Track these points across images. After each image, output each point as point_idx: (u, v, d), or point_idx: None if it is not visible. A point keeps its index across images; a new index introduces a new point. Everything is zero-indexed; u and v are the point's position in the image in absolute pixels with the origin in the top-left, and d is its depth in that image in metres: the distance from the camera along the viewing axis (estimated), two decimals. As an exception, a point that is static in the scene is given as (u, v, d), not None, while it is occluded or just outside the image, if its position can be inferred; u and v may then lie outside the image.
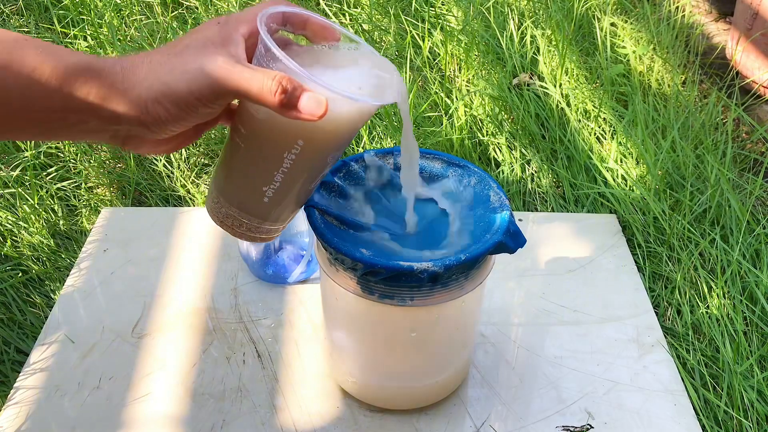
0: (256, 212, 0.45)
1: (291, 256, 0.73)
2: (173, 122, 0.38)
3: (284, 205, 0.45)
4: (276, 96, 0.36)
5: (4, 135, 0.37)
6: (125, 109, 0.36)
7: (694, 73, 1.23)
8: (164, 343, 0.67)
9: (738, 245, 0.83)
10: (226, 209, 0.45)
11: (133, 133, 0.38)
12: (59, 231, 0.95)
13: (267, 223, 0.46)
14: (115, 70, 0.36)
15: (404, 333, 0.54)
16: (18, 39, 0.35)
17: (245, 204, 0.45)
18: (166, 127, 0.38)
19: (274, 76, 0.36)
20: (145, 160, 1.06)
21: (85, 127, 0.37)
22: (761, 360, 0.72)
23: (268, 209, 0.45)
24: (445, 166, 0.56)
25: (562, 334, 0.69)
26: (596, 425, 0.61)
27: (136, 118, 0.37)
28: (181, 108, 0.37)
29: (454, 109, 1.10)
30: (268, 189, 0.43)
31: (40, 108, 0.36)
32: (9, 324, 0.81)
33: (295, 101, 0.37)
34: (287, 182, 0.43)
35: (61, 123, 0.37)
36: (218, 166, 0.46)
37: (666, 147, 0.97)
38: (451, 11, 1.38)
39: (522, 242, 0.50)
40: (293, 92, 0.36)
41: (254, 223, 0.45)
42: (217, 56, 0.37)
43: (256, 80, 0.36)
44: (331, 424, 0.60)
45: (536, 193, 0.98)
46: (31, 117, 0.36)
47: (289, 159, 0.41)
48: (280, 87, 0.36)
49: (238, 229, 0.46)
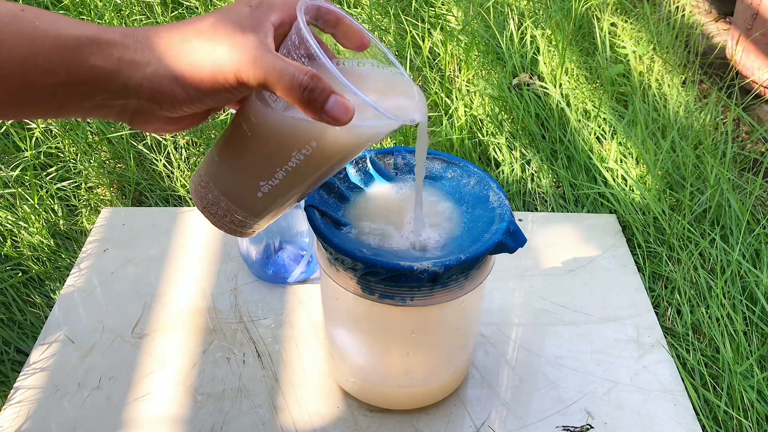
0: (246, 205, 0.43)
1: (291, 256, 0.73)
2: (189, 103, 0.36)
3: (275, 205, 0.44)
4: (305, 93, 0.35)
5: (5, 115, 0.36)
6: (138, 84, 0.35)
7: (694, 73, 1.23)
8: (164, 343, 0.67)
9: (738, 245, 0.83)
10: (213, 195, 0.43)
11: (142, 108, 0.37)
12: (59, 231, 0.95)
13: (252, 219, 0.44)
14: (127, 43, 0.35)
15: (404, 333, 0.54)
16: (13, 11, 0.33)
17: (237, 195, 0.43)
18: (179, 107, 0.36)
19: (306, 71, 0.34)
20: (145, 160, 1.06)
21: (91, 102, 0.35)
22: (761, 360, 0.72)
23: (258, 205, 0.43)
24: (445, 166, 0.56)
25: (562, 334, 0.69)
26: (596, 425, 0.61)
27: (149, 93, 0.35)
28: (200, 90, 0.35)
29: (454, 109, 1.10)
30: (265, 184, 0.41)
31: (42, 85, 0.34)
32: (9, 324, 0.81)
33: (322, 102, 0.35)
34: (287, 181, 0.41)
35: (64, 99, 0.35)
36: (215, 150, 0.43)
37: (666, 147, 0.97)
38: (451, 11, 1.38)
39: (522, 242, 0.50)
40: (322, 93, 0.35)
41: (239, 215, 0.44)
42: (248, 42, 0.35)
43: (287, 73, 0.34)
44: (331, 424, 0.60)
45: (536, 193, 0.98)
46: (32, 94, 0.34)
47: (297, 158, 0.40)
48: (310, 85, 0.34)
49: (221, 219, 0.44)
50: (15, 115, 0.36)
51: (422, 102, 0.43)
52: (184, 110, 0.37)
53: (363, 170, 0.56)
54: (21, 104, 0.35)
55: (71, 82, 0.34)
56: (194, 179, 0.45)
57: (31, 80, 0.34)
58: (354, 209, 0.53)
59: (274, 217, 0.46)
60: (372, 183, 0.55)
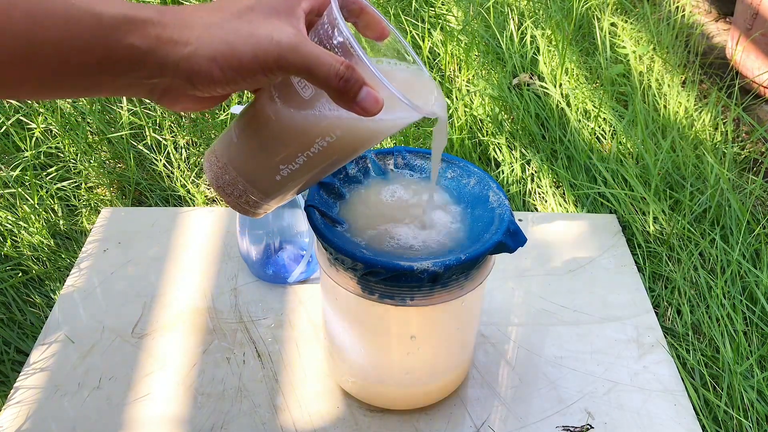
0: (264, 188, 0.44)
1: (291, 256, 0.73)
2: (224, 84, 0.36)
3: (291, 187, 0.44)
4: (340, 83, 0.35)
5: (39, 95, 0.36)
6: (175, 63, 0.35)
7: (694, 73, 1.23)
8: (164, 343, 0.67)
9: (738, 245, 0.83)
10: (231, 176, 0.44)
11: (174, 87, 0.36)
12: (59, 231, 0.95)
13: (267, 200, 0.45)
14: (164, 21, 0.34)
15: (404, 333, 0.54)
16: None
17: (255, 177, 0.43)
18: (214, 88, 0.36)
19: (342, 62, 0.35)
20: (145, 160, 1.06)
21: (125, 81, 0.35)
22: (761, 360, 0.72)
23: (275, 187, 0.44)
24: (445, 166, 0.56)
25: (562, 334, 0.69)
26: (596, 425, 0.61)
27: (186, 73, 0.35)
28: (238, 72, 0.35)
29: (454, 109, 1.10)
30: (285, 168, 0.42)
31: (78, 64, 0.33)
32: (9, 324, 0.81)
33: (354, 93, 0.36)
34: (307, 166, 0.42)
35: (99, 78, 0.35)
36: (234, 132, 0.44)
37: (666, 147, 0.97)
38: (451, 11, 1.38)
39: (522, 241, 0.50)
40: (356, 84, 0.36)
41: (256, 197, 0.44)
42: (287, 27, 0.35)
43: (325, 63, 0.35)
44: (331, 424, 0.60)
45: (536, 193, 0.98)
46: (68, 74, 0.34)
47: (320, 145, 0.41)
48: (346, 75, 0.35)
49: (236, 199, 0.44)
50: (48, 94, 0.36)
51: (441, 96, 0.44)
52: (218, 91, 0.37)
53: (362, 168, 0.56)
54: (56, 84, 0.35)
55: (108, 61, 0.34)
56: (209, 159, 0.45)
57: (67, 60, 0.33)
58: (349, 206, 0.53)
59: (285, 200, 0.46)
60: (367, 179, 0.55)
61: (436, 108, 0.43)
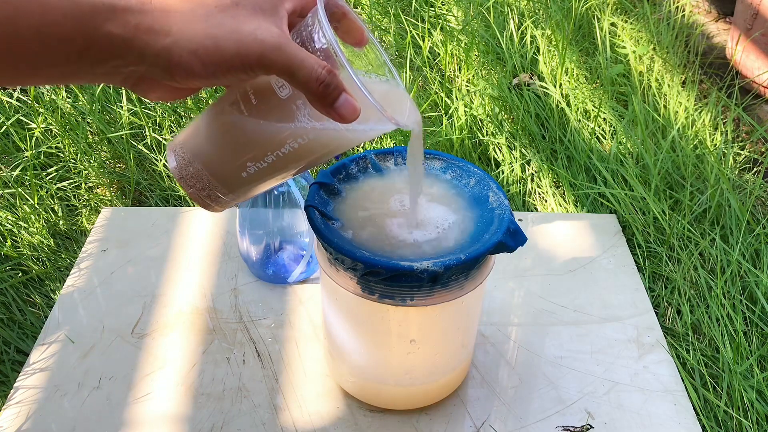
0: (228, 183, 0.43)
1: (291, 256, 0.73)
2: (203, 78, 0.35)
3: (255, 186, 0.44)
4: (320, 87, 0.35)
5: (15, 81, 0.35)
6: (155, 53, 0.34)
7: (694, 73, 1.23)
8: (164, 343, 0.67)
9: (738, 245, 0.83)
10: (195, 169, 0.43)
11: (149, 75, 0.36)
12: (59, 231, 0.95)
13: (230, 195, 0.44)
14: (144, 9, 0.34)
15: (404, 333, 0.54)
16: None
17: (220, 172, 0.43)
18: (192, 81, 0.35)
19: (324, 66, 0.35)
20: (145, 160, 1.06)
21: (103, 69, 0.35)
22: (761, 360, 0.72)
23: (240, 184, 0.43)
24: (444, 166, 0.56)
25: (562, 334, 0.69)
26: (596, 425, 0.61)
27: (165, 64, 0.34)
28: (219, 67, 0.35)
29: (454, 109, 1.10)
30: (252, 166, 0.41)
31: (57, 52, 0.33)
32: (9, 324, 0.81)
33: (334, 98, 0.36)
34: (275, 166, 0.42)
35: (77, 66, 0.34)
36: (201, 124, 0.43)
37: (666, 147, 0.97)
38: (451, 11, 1.38)
39: (522, 240, 0.50)
40: (335, 89, 0.36)
41: (219, 192, 0.43)
42: (271, 26, 0.35)
43: (307, 65, 0.35)
44: (331, 424, 0.60)
45: (536, 193, 0.98)
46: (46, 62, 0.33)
47: (291, 146, 0.40)
48: (327, 79, 0.35)
49: (198, 192, 0.43)
50: (24, 81, 0.35)
51: (415, 110, 0.45)
52: (195, 84, 0.36)
53: (362, 167, 0.56)
54: (32, 72, 0.34)
55: (87, 49, 0.33)
56: (174, 149, 0.44)
57: (44, 48, 0.33)
58: (345, 202, 0.53)
59: (247, 197, 0.46)
60: (366, 178, 0.55)
61: (410, 121, 0.44)
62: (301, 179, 0.69)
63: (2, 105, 1.11)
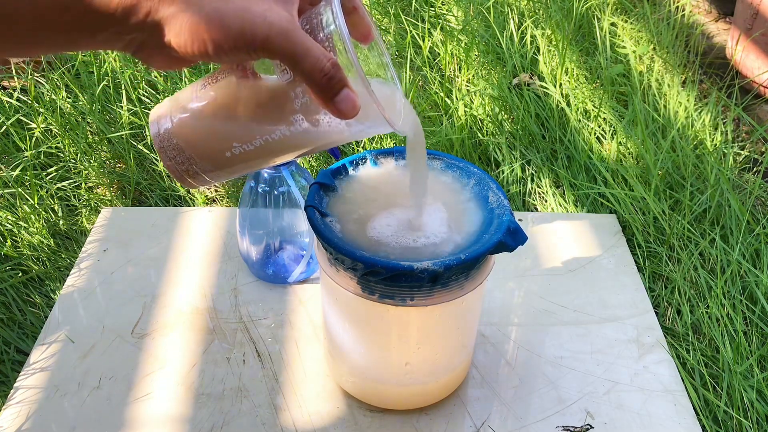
0: (210, 161, 0.41)
1: (291, 256, 0.73)
2: (203, 54, 0.34)
3: (236, 168, 0.42)
4: (323, 79, 0.34)
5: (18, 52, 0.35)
6: (155, 22, 0.33)
7: (694, 73, 1.23)
8: (164, 343, 0.67)
9: (738, 245, 0.83)
10: (177, 141, 0.41)
11: (151, 44, 0.35)
12: (59, 231, 0.95)
13: (209, 174, 0.43)
14: None
15: (404, 333, 0.54)
16: None
17: (203, 148, 0.41)
18: (192, 54, 0.34)
19: (329, 58, 0.34)
20: (145, 161, 1.06)
21: (102, 36, 0.34)
22: (761, 360, 0.72)
23: (221, 163, 0.42)
24: (444, 166, 0.56)
25: (562, 334, 0.69)
26: (596, 425, 0.61)
27: (166, 34, 0.33)
28: (221, 44, 0.33)
29: (454, 109, 1.10)
30: (238, 147, 0.40)
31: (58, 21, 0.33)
32: (9, 324, 0.81)
33: (335, 92, 0.35)
34: (262, 150, 0.40)
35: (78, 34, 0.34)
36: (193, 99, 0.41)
37: (666, 147, 0.97)
38: (451, 11, 1.38)
39: (522, 239, 0.50)
40: (338, 83, 0.35)
41: (198, 167, 0.42)
42: (281, 11, 0.34)
43: (312, 55, 0.34)
44: (331, 424, 0.60)
45: (536, 193, 0.98)
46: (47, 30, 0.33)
47: (282, 132, 0.39)
48: (331, 72, 0.34)
49: (177, 165, 0.42)
50: (28, 52, 0.35)
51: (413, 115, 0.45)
52: (196, 58, 0.35)
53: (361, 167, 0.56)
54: (35, 41, 0.34)
55: (87, 16, 0.33)
56: (159, 119, 0.42)
57: (44, 16, 0.32)
58: (345, 202, 0.53)
59: (226, 178, 0.44)
60: (365, 178, 0.55)
61: (406, 126, 0.43)
62: (301, 179, 0.69)
63: (2, 105, 1.11)
